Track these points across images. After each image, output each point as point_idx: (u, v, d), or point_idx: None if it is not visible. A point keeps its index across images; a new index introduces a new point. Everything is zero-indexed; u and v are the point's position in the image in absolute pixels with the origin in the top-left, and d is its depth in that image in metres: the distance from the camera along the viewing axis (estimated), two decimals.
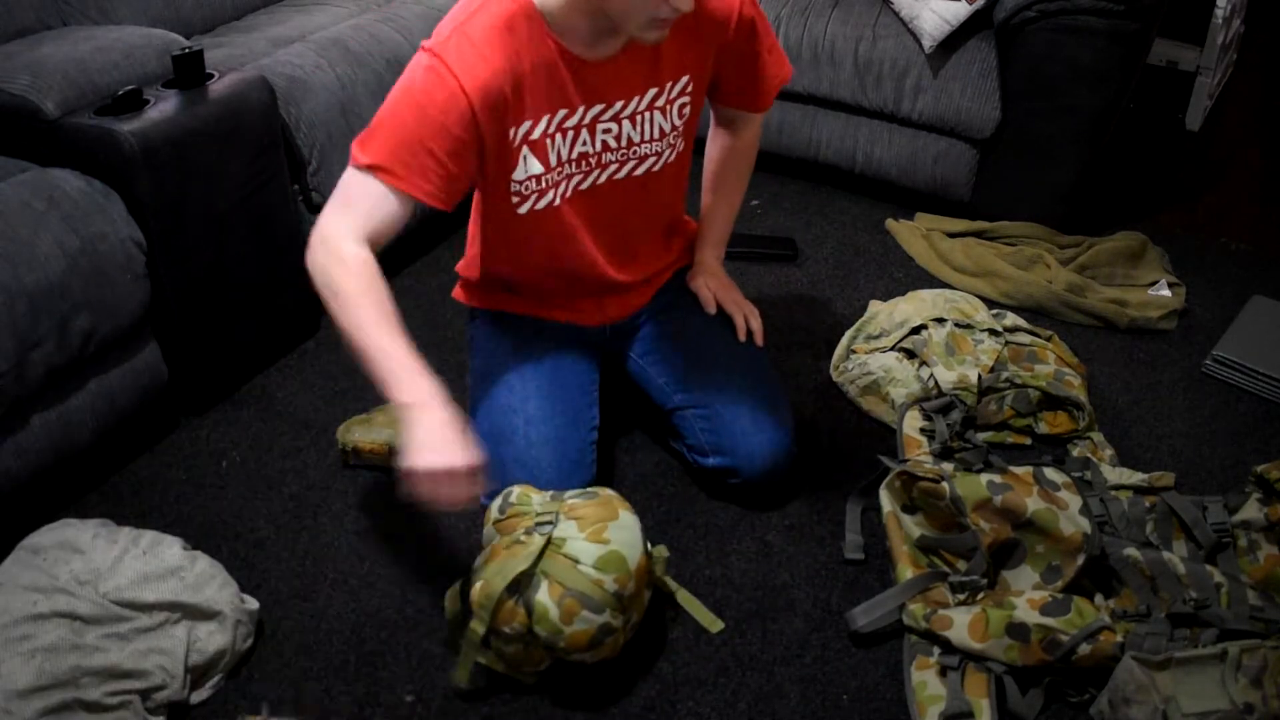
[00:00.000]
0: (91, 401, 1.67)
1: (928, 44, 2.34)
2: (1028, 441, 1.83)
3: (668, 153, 1.57)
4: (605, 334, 1.73)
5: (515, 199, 1.48)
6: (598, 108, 1.45)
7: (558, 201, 1.51)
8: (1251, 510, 1.57)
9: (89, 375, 1.66)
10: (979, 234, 2.41)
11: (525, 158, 1.44)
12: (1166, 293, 2.21)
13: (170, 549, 1.44)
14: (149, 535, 1.46)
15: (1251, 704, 1.29)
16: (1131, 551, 1.48)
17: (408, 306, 2.21)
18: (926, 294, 2.07)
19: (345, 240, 1.34)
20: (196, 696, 1.40)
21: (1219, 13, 2.82)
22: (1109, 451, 1.80)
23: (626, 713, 1.40)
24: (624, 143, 1.51)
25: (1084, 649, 1.36)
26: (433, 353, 2.06)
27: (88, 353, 1.62)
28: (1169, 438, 1.87)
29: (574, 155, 1.48)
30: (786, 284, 2.30)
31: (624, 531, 1.37)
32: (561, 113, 1.43)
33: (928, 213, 2.51)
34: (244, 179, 1.82)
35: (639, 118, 1.49)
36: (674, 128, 1.54)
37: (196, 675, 1.39)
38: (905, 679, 1.43)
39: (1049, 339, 1.97)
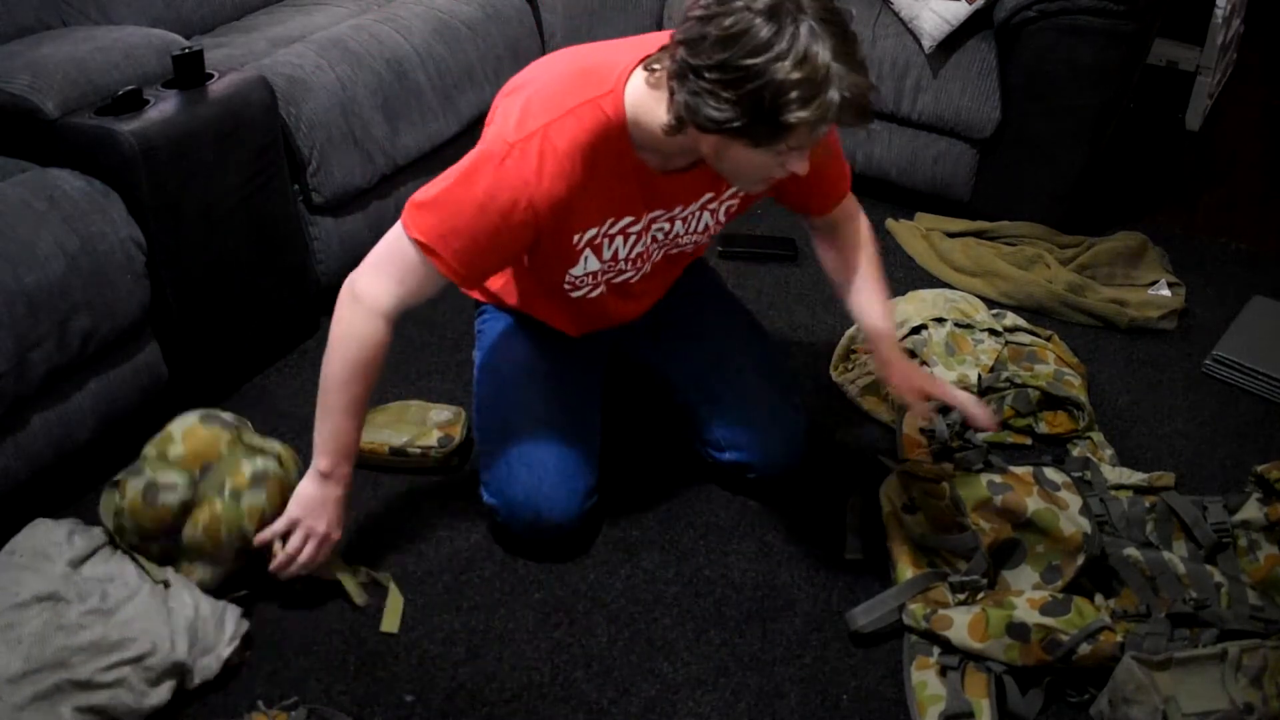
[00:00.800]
0: (91, 401, 1.67)
1: (928, 44, 2.34)
2: (1028, 441, 1.83)
3: (705, 240, 1.59)
4: (614, 332, 1.73)
5: (568, 286, 1.51)
6: (658, 212, 1.45)
7: (605, 290, 1.53)
8: (1251, 510, 1.57)
9: (89, 375, 1.66)
10: (979, 234, 2.41)
11: (586, 257, 1.45)
12: (1166, 293, 2.21)
13: None
14: None
15: (1251, 704, 1.29)
16: (1131, 551, 1.48)
17: None
18: (926, 294, 2.07)
19: (375, 310, 1.38)
20: (209, 664, 1.40)
21: (1219, 13, 2.82)
22: (1109, 451, 1.80)
23: (626, 713, 1.40)
24: (670, 237, 1.52)
25: (1084, 649, 1.36)
26: (432, 352, 2.07)
27: (88, 353, 1.62)
28: (1169, 438, 1.87)
29: (632, 255, 1.49)
30: (786, 284, 2.30)
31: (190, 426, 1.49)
32: (627, 219, 1.43)
33: (928, 213, 2.51)
34: (244, 179, 1.82)
35: (690, 217, 1.50)
36: (718, 223, 1.55)
37: (196, 636, 1.39)
38: (905, 678, 1.43)
39: (1049, 339, 1.97)
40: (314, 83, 1.99)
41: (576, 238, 1.41)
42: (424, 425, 1.78)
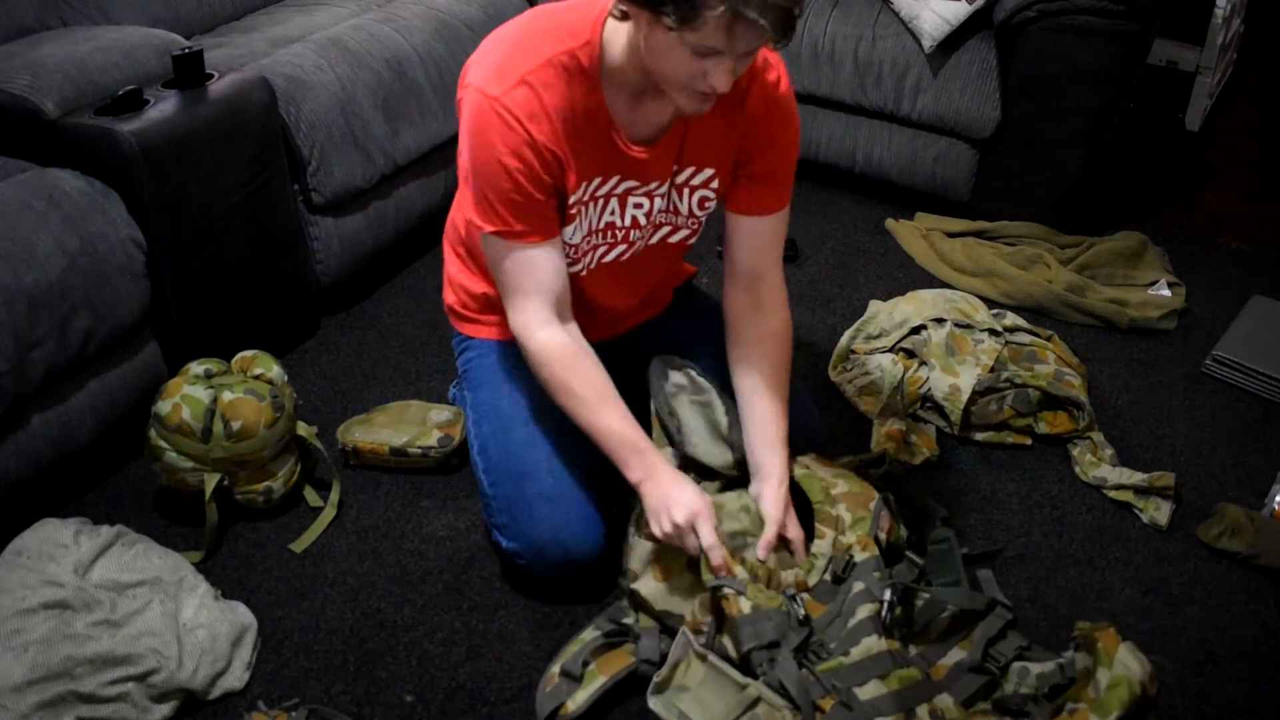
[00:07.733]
0: (91, 401, 1.67)
1: (928, 44, 2.34)
2: (1028, 442, 1.83)
3: (688, 229, 1.55)
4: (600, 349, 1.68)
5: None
6: (633, 183, 1.44)
7: (584, 273, 1.51)
8: (1042, 667, 1.35)
9: (89, 375, 1.66)
10: (979, 234, 2.41)
11: (578, 220, 1.44)
12: (1166, 293, 2.21)
13: (149, 545, 1.48)
14: (129, 531, 1.50)
15: None
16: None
17: (408, 306, 2.21)
18: (926, 294, 2.07)
19: (533, 332, 1.40)
20: (230, 681, 1.40)
21: (1219, 13, 2.82)
22: (1109, 451, 1.80)
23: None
24: (652, 219, 1.50)
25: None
26: (432, 352, 2.07)
27: (88, 353, 1.62)
28: (1169, 438, 1.87)
29: (601, 225, 1.47)
30: (787, 284, 2.28)
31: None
32: (597, 180, 1.41)
33: (928, 213, 2.51)
34: (244, 179, 1.82)
35: (665, 197, 1.48)
36: (692, 215, 1.52)
37: (203, 656, 1.39)
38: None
39: (1049, 339, 1.97)
40: (314, 83, 1.99)
41: (571, 197, 1.40)
42: (424, 425, 1.78)
